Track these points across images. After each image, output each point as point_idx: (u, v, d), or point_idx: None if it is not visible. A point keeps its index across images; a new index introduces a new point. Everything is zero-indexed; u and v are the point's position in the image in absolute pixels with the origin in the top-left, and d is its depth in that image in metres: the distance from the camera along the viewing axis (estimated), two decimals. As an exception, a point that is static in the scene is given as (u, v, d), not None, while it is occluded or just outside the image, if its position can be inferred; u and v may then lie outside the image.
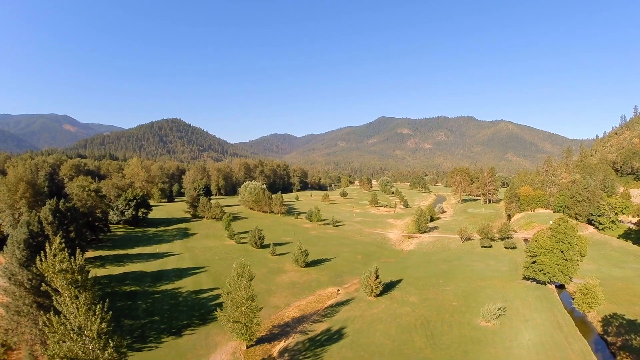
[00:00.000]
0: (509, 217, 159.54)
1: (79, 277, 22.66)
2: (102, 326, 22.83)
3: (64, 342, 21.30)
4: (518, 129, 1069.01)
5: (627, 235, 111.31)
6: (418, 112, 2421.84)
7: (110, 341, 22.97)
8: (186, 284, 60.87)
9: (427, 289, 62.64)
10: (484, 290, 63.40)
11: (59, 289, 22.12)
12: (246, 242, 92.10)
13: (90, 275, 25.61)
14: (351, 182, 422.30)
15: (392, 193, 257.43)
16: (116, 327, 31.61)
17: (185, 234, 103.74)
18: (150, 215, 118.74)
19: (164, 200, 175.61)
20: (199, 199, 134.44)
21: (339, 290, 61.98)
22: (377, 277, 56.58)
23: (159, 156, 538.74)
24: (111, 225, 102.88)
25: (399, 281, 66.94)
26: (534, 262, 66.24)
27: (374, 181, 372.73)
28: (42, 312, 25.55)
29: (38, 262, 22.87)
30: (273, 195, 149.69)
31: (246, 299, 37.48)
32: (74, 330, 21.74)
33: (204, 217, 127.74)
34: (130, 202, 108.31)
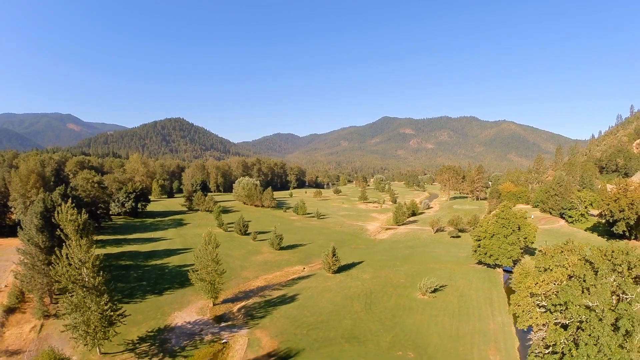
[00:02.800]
0: (490, 212, 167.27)
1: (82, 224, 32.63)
2: (97, 262, 32.67)
3: (68, 270, 31.01)
4: (521, 129, 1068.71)
5: (595, 228, 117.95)
6: (421, 112, 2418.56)
7: (101, 272, 32.85)
8: (173, 260, 70.70)
9: (383, 269, 71.53)
10: (434, 271, 71.75)
11: (69, 234, 31.98)
12: (232, 230, 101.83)
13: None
14: (350, 181, 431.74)
15: (385, 190, 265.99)
16: (110, 287, 40.90)
17: (179, 224, 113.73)
18: (149, 208, 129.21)
19: (164, 196, 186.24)
20: (195, 193, 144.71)
21: (304, 268, 71.32)
22: (334, 255, 65.66)
23: (161, 155, 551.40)
24: (112, 217, 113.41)
25: (360, 262, 75.96)
26: (479, 246, 74.75)
27: (371, 180, 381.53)
28: (52, 265, 35.08)
29: (56, 214, 32.82)
30: (264, 191, 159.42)
31: (211, 261, 47.01)
32: (76, 263, 31.51)
33: (198, 210, 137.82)
34: (130, 195, 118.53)
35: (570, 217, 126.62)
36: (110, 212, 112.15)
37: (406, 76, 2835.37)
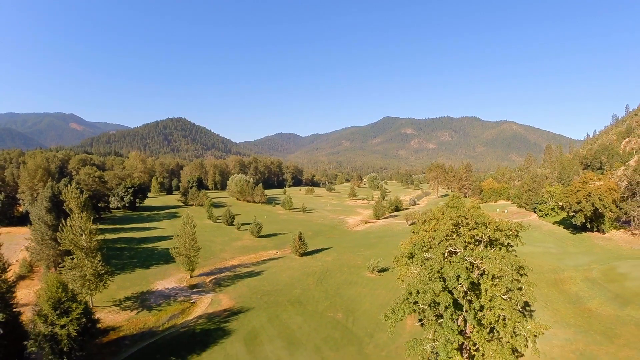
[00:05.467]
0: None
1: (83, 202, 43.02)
2: (93, 230, 42.69)
3: (69, 236, 41.07)
4: (522, 129, 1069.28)
5: (563, 221, 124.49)
6: (422, 113, 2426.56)
7: (97, 236, 42.93)
8: (162, 244, 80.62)
9: (346, 253, 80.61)
10: (391, 256, 79.82)
11: (72, 209, 42.06)
12: (221, 222, 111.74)
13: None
14: (347, 180, 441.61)
15: (378, 188, 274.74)
16: (103, 252, 50.71)
17: (173, 216, 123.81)
18: (148, 203, 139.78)
19: (163, 192, 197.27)
20: (191, 189, 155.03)
21: (277, 252, 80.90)
22: (300, 240, 75.02)
23: (162, 154, 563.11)
24: (112, 210, 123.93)
25: (328, 248, 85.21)
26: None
27: (365, 178, 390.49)
28: (57, 240, 45.06)
29: (64, 193, 42.83)
30: (255, 187, 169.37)
31: (188, 238, 56.82)
32: (78, 231, 41.54)
33: (192, 205, 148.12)
34: (129, 190, 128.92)
35: (540, 211, 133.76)
36: (110, 206, 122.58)
37: (408, 76, 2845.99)
